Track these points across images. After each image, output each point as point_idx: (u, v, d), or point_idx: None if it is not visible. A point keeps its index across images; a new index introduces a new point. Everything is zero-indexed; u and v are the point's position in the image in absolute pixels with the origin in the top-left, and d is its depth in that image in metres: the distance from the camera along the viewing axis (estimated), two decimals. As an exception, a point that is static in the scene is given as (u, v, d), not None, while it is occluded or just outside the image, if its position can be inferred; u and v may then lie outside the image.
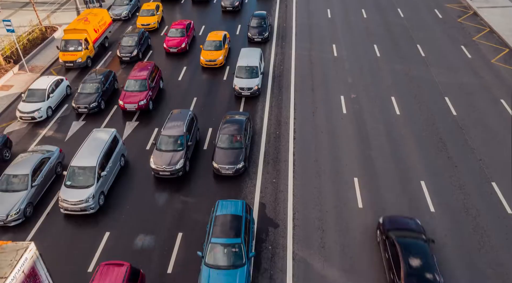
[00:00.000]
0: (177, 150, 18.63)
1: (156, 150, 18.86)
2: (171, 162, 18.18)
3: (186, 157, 18.71)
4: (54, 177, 18.88)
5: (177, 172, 18.30)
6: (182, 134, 18.89)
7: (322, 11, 34.93)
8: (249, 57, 24.99)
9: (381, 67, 27.04)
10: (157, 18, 32.83)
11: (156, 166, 18.18)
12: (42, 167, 17.93)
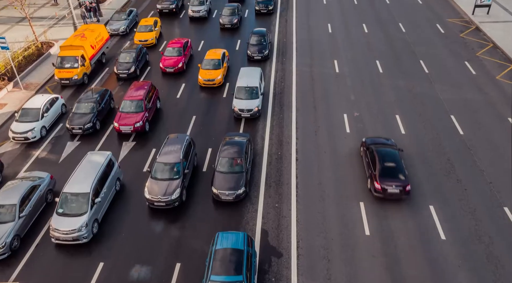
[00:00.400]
0: (173, 178, 17.58)
1: (151, 178, 17.82)
2: (167, 191, 17.19)
3: (182, 186, 17.66)
4: (44, 206, 17.90)
5: (173, 203, 17.27)
6: (179, 161, 17.93)
7: (323, 26, 34.54)
8: (248, 77, 24.20)
9: (384, 83, 26.48)
10: (155, 34, 32.33)
11: (151, 196, 17.22)
12: (32, 196, 16.96)
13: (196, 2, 36.60)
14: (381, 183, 17.33)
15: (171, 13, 37.57)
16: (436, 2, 38.15)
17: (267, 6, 36.35)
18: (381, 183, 17.34)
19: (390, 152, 18.33)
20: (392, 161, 17.87)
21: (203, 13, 35.77)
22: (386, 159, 17.98)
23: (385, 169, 17.64)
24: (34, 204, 17.03)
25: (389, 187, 17.27)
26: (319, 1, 39.66)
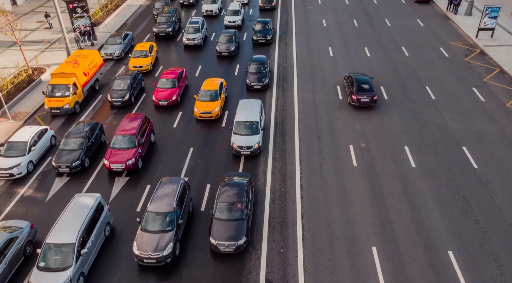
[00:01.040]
0: (166, 230, 15.83)
1: (141, 230, 16.07)
2: (158, 247, 15.35)
3: (176, 239, 15.87)
4: (22, 260, 16.05)
5: (165, 259, 15.48)
6: (172, 210, 16.19)
7: (324, 49, 33.65)
8: (248, 110, 22.70)
9: (390, 111, 25.36)
10: (150, 60, 31.22)
11: (140, 252, 15.40)
12: (8, 250, 15.16)
13: (191, 29, 34.90)
14: (357, 96, 25.06)
15: (168, 37, 36.73)
16: (438, 25, 37.53)
17: (265, 36, 34.34)
18: (357, 95, 25.06)
19: (363, 78, 26.34)
20: (365, 83, 25.75)
21: (198, 41, 34.19)
22: (360, 82, 25.88)
23: (360, 87, 25.58)
24: (11, 260, 15.18)
25: (361, 98, 24.97)
26: (318, 23, 38.98)
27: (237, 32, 34.82)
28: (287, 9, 42.76)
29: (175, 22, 37.09)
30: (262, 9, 42.23)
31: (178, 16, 38.37)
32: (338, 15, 40.78)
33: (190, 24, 35.36)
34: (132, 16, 42.61)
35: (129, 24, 40.71)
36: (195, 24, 35.26)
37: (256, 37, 34.39)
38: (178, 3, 45.48)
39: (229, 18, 38.10)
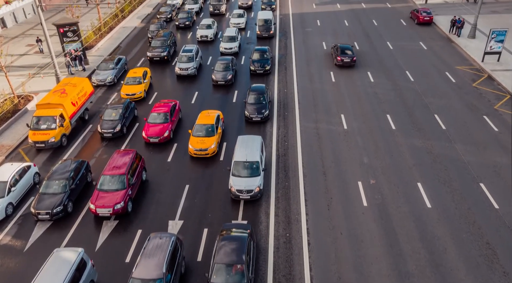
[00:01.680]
0: None
1: None
2: None
3: None
4: None
5: None
6: (161, 277, 14.05)
7: (325, 74, 32.33)
8: (248, 148, 20.70)
9: (399, 142, 23.85)
10: (144, 87, 29.68)
11: None
12: None
13: (184, 58, 32.44)
14: (340, 57, 32.94)
15: (163, 61, 35.32)
16: (442, 47, 36.50)
17: (263, 66, 31.99)
18: (340, 57, 32.93)
19: (346, 46, 33.94)
20: (347, 49, 33.55)
21: (191, 70, 31.81)
22: (343, 48, 33.63)
23: (342, 51, 33.31)
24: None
25: (344, 58, 32.79)
26: (318, 46, 37.83)
27: (234, 59, 32.96)
28: (286, 31, 41.71)
29: (170, 46, 35.69)
30: (259, 37, 39.71)
31: (174, 40, 37.03)
32: (338, 37, 39.72)
33: (183, 52, 33.09)
34: (126, 38, 41.32)
35: (123, 47, 39.36)
36: (188, 52, 32.98)
37: (253, 67, 32.13)
38: (174, 25, 44.37)
39: (225, 44, 36.25)
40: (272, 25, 39.45)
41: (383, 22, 43.48)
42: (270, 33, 39.09)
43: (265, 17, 40.31)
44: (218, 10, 46.52)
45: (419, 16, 41.58)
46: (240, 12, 43.35)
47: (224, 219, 18.91)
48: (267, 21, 39.75)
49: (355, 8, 48.13)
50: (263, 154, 21.37)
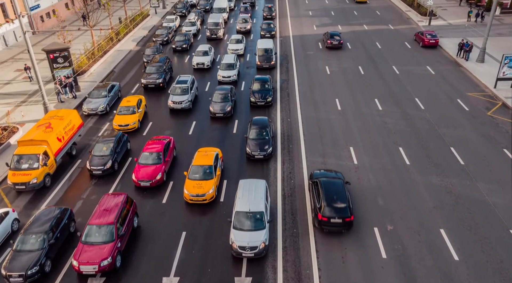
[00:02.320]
0: None
1: None
2: None
3: None
4: None
5: None
6: None
7: (330, 102, 30.57)
8: (251, 195, 18.32)
9: (415, 180, 21.87)
10: (138, 117, 27.70)
11: None
12: None
13: (178, 90, 29.68)
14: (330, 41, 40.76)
15: (158, 88, 33.40)
16: (450, 72, 35.00)
17: (265, 97, 29.36)
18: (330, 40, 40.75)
19: (335, 32, 41.57)
20: (335, 35, 41.22)
21: (186, 104, 29.14)
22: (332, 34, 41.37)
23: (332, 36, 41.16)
24: None
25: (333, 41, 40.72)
26: (321, 70, 36.23)
27: (233, 88, 30.49)
28: (287, 54, 40.19)
29: (166, 72, 33.84)
30: (259, 68, 36.32)
31: (170, 65, 35.22)
32: (341, 61, 38.22)
33: (177, 83, 30.27)
34: (121, 62, 39.58)
35: (117, 72, 37.56)
36: (183, 84, 30.19)
37: (254, 99, 29.48)
38: (171, 48, 42.77)
39: (223, 72, 33.69)
40: (273, 54, 36.53)
41: (387, 44, 42.14)
42: (271, 64, 35.92)
43: (265, 46, 37.30)
44: (215, 35, 44.09)
45: (424, 39, 40.27)
46: (238, 37, 41.03)
47: (226, 276, 16.68)
48: (268, 50, 36.71)
49: (356, 30, 46.90)
50: (268, 202, 18.94)
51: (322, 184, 19.00)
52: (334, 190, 18.56)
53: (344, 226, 17.85)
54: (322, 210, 17.95)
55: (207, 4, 55.33)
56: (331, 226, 17.88)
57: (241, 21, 46.79)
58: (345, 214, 17.73)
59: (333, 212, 17.74)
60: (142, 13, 51.95)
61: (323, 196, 18.30)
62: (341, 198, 18.13)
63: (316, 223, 18.28)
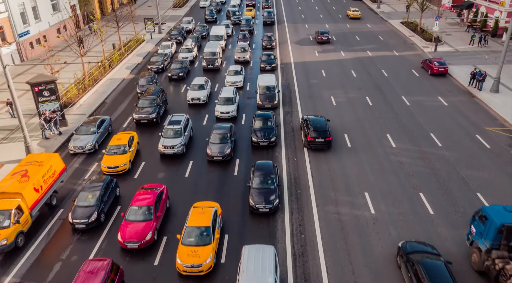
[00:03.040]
0: None
1: None
2: None
3: None
4: None
5: None
6: None
7: (339, 138, 28.12)
8: (257, 267, 15.38)
9: (443, 235, 19.19)
10: (129, 157, 25.11)
11: None
12: None
13: (170, 133, 26.19)
14: (321, 37, 48.90)
15: (152, 123, 30.69)
16: (464, 104, 32.83)
17: (268, 136, 26.36)
18: (321, 37, 48.88)
19: (324, 31, 49.64)
20: (324, 33, 48.80)
21: (179, 149, 25.78)
22: (322, 32, 48.96)
23: (322, 33, 49.02)
24: None
25: (322, 37, 48.78)
26: (327, 101, 33.97)
27: (233, 127, 27.37)
28: (289, 83, 38.01)
29: (160, 106, 31.30)
30: (261, 108, 32.25)
31: (165, 98, 32.81)
32: (347, 90, 36.12)
33: (169, 124, 26.81)
34: (113, 93, 37.16)
35: (109, 103, 35.08)
36: (175, 124, 26.73)
37: (256, 139, 26.42)
38: (166, 76, 40.58)
39: (222, 108, 30.59)
40: (276, 92, 32.71)
41: (393, 72, 40.20)
42: (274, 104, 31.86)
43: (267, 83, 33.20)
44: (212, 65, 40.64)
45: (433, 67, 38.37)
46: (237, 68, 37.89)
47: None
48: (270, 88, 32.70)
49: (360, 57, 45.06)
50: (277, 275, 15.89)
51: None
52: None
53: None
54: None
55: (203, 30, 53.08)
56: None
57: (239, 50, 43.81)
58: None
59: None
60: (137, 39, 50.04)
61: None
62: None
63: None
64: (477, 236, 16.88)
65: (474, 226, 17.26)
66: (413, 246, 16.77)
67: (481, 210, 16.92)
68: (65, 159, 26.47)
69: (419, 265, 15.42)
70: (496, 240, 15.81)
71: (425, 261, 15.51)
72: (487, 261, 16.12)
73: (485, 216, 16.45)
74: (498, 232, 15.62)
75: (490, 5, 49.65)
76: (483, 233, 16.34)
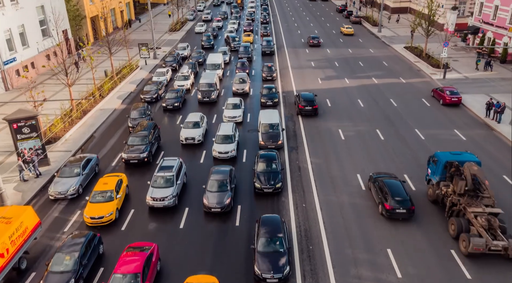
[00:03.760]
0: None
1: None
2: None
3: None
4: None
5: None
6: None
7: (351, 178, 25.12)
8: None
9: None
10: (116, 204, 22.01)
11: None
12: None
13: (160, 181, 22.74)
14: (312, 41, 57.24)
15: (144, 163, 27.38)
16: (484, 138, 30.00)
17: (273, 182, 23.27)
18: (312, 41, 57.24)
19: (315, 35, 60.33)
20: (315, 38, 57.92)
21: (170, 201, 22.17)
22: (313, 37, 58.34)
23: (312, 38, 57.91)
24: None
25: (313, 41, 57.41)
26: (334, 134, 31.25)
27: (233, 170, 24.22)
28: (292, 115, 35.51)
29: (153, 143, 28.25)
30: (263, 148, 28.25)
31: (158, 133, 29.86)
32: (355, 122, 33.50)
33: (160, 170, 23.41)
34: (103, 125, 34.29)
35: (97, 137, 32.20)
36: (167, 171, 23.28)
37: (259, 185, 23.24)
38: (161, 106, 37.84)
39: (220, 147, 27.24)
40: (281, 131, 29.20)
41: (403, 101, 37.74)
42: (278, 144, 28.28)
43: (270, 120, 29.65)
44: (208, 98, 37.19)
45: (445, 96, 36.03)
46: (235, 101, 34.60)
47: None
48: (273, 126, 29.09)
49: (366, 84, 42.79)
50: None
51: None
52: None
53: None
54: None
55: (200, 56, 50.56)
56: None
57: (238, 81, 40.27)
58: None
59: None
60: (131, 65, 47.65)
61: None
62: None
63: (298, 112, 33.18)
64: (431, 175, 23.12)
65: (429, 168, 23.49)
66: (379, 174, 23.57)
67: (434, 155, 23.18)
68: (44, 206, 23.38)
69: (382, 182, 22.06)
70: (443, 174, 22.03)
71: (386, 180, 22.17)
72: (437, 190, 21.97)
73: (436, 159, 22.72)
74: (444, 167, 21.87)
75: (497, 31, 48.01)
76: (435, 171, 22.65)
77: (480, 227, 18.60)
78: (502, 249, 17.97)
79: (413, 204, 20.80)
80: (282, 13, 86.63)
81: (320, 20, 77.72)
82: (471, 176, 20.05)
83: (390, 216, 20.88)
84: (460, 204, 20.03)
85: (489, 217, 18.84)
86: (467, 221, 19.47)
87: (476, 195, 20.15)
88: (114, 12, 69.17)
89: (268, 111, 32.21)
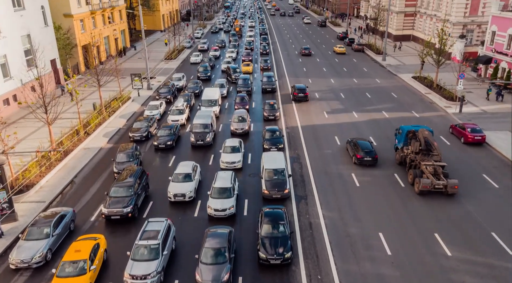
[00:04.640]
0: None
1: None
2: None
3: None
4: None
5: None
6: None
7: (373, 240, 21.04)
8: None
9: None
10: (90, 278, 17.92)
11: None
12: None
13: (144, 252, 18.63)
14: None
15: (127, 219, 23.32)
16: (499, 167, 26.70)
17: (281, 250, 19.13)
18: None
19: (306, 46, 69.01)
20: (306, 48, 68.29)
21: (153, 279, 17.87)
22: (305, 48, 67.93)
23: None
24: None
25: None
26: (347, 180, 27.52)
27: (232, 232, 20.34)
28: (299, 155, 31.76)
29: (139, 194, 24.29)
30: (268, 198, 24.96)
31: (146, 181, 25.93)
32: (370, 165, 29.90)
33: (142, 237, 19.24)
34: (85, 168, 30.39)
35: (77, 183, 28.23)
36: (151, 238, 19.07)
37: (265, 255, 19.04)
38: (152, 145, 34.00)
39: (216, 204, 23.06)
40: (287, 177, 25.62)
41: (419, 139, 34.34)
42: (284, 193, 24.61)
43: (274, 165, 25.93)
44: (202, 141, 32.55)
45: (467, 135, 32.54)
46: (234, 144, 30.32)
47: None
48: (279, 172, 25.41)
49: (376, 118, 39.39)
50: None
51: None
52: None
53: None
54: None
55: (196, 87, 47.08)
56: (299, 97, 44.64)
57: (236, 120, 35.72)
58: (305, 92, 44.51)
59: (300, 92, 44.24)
60: (122, 97, 44.25)
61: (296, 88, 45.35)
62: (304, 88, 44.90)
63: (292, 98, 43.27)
64: (398, 143, 29.80)
65: (396, 138, 30.31)
66: (354, 138, 31.48)
67: (399, 128, 29.96)
68: (1, 279, 19.20)
69: (356, 142, 30.14)
70: (405, 141, 28.73)
71: (359, 140, 30.25)
72: (402, 153, 28.73)
73: (401, 130, 29.46)
74: (406, 135, 28.55)
75: (512, 61, 45.36)
76: (400, 140, 29.41)
77: (428, 173, 25.34)
78: (442, 186, 24.74)
79: (376, 154, 29.05)
80: (281, 40, 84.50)
81: (321, 47, 75.47)
82: (424, 139, 26.49)
83: (360, 163, 29.14)
84: (416, 160, 26.77)
85: (435, 166, 25.74)
86: (420, 171, 26.05)
87: (428, 153, 26.60)
88: (108, 40, 66.63)
89: (272, 153, 28.46)
